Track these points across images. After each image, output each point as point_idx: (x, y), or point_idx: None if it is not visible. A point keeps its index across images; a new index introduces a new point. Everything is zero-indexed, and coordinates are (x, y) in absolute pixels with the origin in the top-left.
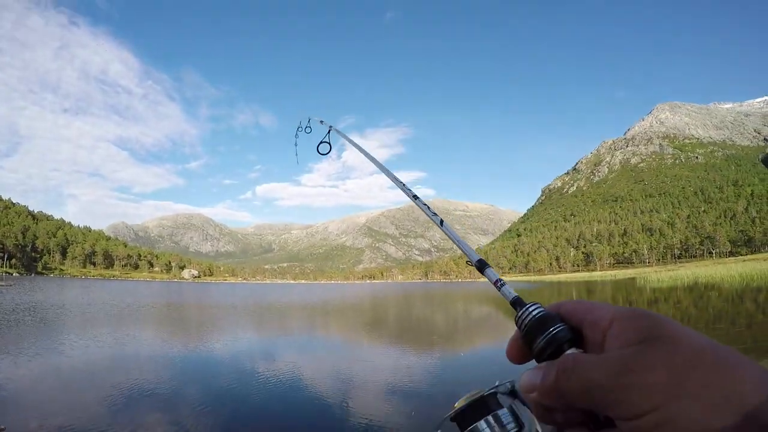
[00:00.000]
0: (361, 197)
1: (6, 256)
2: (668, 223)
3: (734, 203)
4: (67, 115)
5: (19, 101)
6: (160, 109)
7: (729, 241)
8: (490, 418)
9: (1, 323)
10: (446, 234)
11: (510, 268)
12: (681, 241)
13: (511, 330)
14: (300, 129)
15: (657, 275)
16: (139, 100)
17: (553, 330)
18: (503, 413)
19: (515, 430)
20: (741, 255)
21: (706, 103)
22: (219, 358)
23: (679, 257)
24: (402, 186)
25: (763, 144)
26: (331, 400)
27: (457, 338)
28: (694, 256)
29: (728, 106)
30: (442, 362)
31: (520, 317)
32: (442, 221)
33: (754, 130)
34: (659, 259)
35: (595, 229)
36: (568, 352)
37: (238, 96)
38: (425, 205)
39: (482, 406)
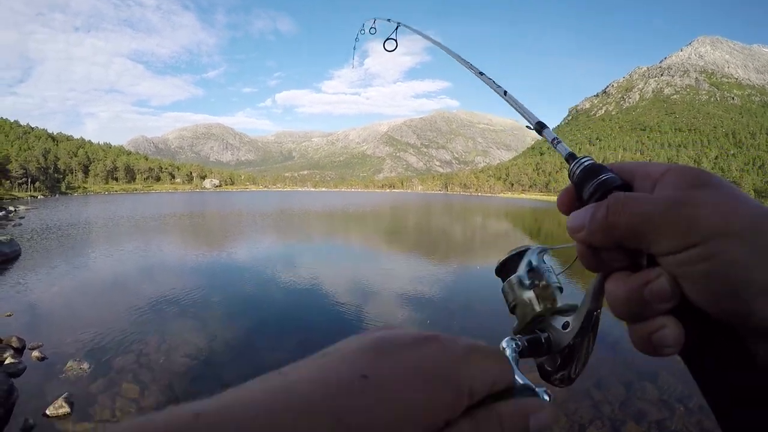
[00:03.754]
0: (383, 106)
1: (29, 180)
2: (695, 161)
3: (765, 152)
4: (78, 33)
5: (28, 25)
6: (174, 19)
7: (754, 189)
8: (527, 268)
9: (30, 245)
10: (509, 103)
11: (530, 186)
12: None
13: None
14: (362, 32)
15: None
16: (153, 11)
17: (602, 176)
18: (544, 267)
19: (557, 285)
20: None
21: (749, 44)
22: (242, 265)
23: None
24: (469, 66)
25: None
26: (350, 303)
27: (474, 251)
28: None
29: None
30: (457, 273)
31: (571, 169)
32: (505, 92)
33: None
34: None
35: (619, 156)
36: (617, 192)
37: (255, 0)
38: (491, 79)
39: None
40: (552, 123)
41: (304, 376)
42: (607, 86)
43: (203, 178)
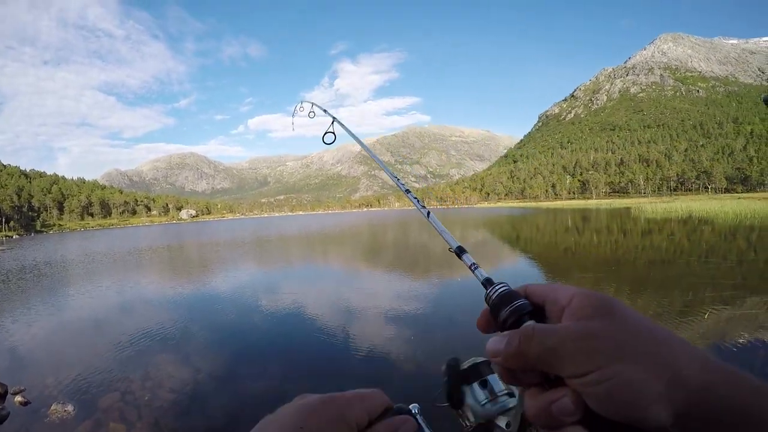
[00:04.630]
0: (355, 125)
1: (4, 219)
2: (665, 155)
3: (733, 140)
4: (48, 67)
5: None
6: (144, 49)
7: (725, 177)
8: (478, 383)
9: (7, 286)
10: (431, 224)
11: (506, 195)
12: (677, 174)
13: (503, 256)
14: (301, 110)
15: (652, 206)
16: (122, 42)
17: (515, 303)
18: (493, 378)
19: (505, 392)
20: (737, 192)
21: (710, 37)
22: (222, 295)
23: (674, 190)
24: (396, 180)
25: (767, 83)
26: (332, 328)
27: (453, 264)
28: (690, 190)
29: (733, 41)
30: (438, 287)
31: (488, 294)
32: (429, 213)
33: (758, 69)
34: (655, 191)
35: (591, 158)
36: (528, 323)
37: (225, 27)
38: (415, 198)
39: (474, 372)
40: (523, 131)
41: None
42: (575, 90)
43: (179, 209)
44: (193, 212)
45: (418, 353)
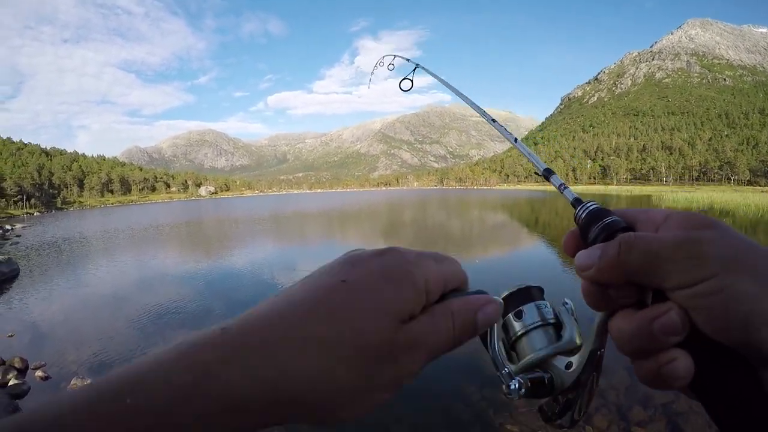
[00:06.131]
0: (375, 103)
1: (25, 197)
2: (689, 143)
3: (758, 132)
4: (67, 45)
5: (16, 39)
6: (163, 26)
7: (749, 169)
8: (513, 315)
9: (28, 263)
10: (520, 150)
11: (525, 177)
12: (700, 163)
13: (521, 240)
14: (381, 64)
15: (673, 195)
16: (141, 19)
17: (607, 219)
18: (543, 304)
19: (552, 320)
20: (759, 185)
21: (739, 24)
22: (242, 271)
23: (696, 179)
24: (482, 112)
25: None
26: None
27: (472, 245)
28: (712, 180)
29: (763, 30)
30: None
31: (577, 213)
32: (516, 139)
33: None
34: (676, 179)
35: (613, 143)
36: (626, 233)
37: (244, 3)
38: (502, 126)
39: (525, 295)
40: (545, 113)
41: (300, 289)
42: (599, 73)
43: (198, 185)
44: (212, 189)
45: None
